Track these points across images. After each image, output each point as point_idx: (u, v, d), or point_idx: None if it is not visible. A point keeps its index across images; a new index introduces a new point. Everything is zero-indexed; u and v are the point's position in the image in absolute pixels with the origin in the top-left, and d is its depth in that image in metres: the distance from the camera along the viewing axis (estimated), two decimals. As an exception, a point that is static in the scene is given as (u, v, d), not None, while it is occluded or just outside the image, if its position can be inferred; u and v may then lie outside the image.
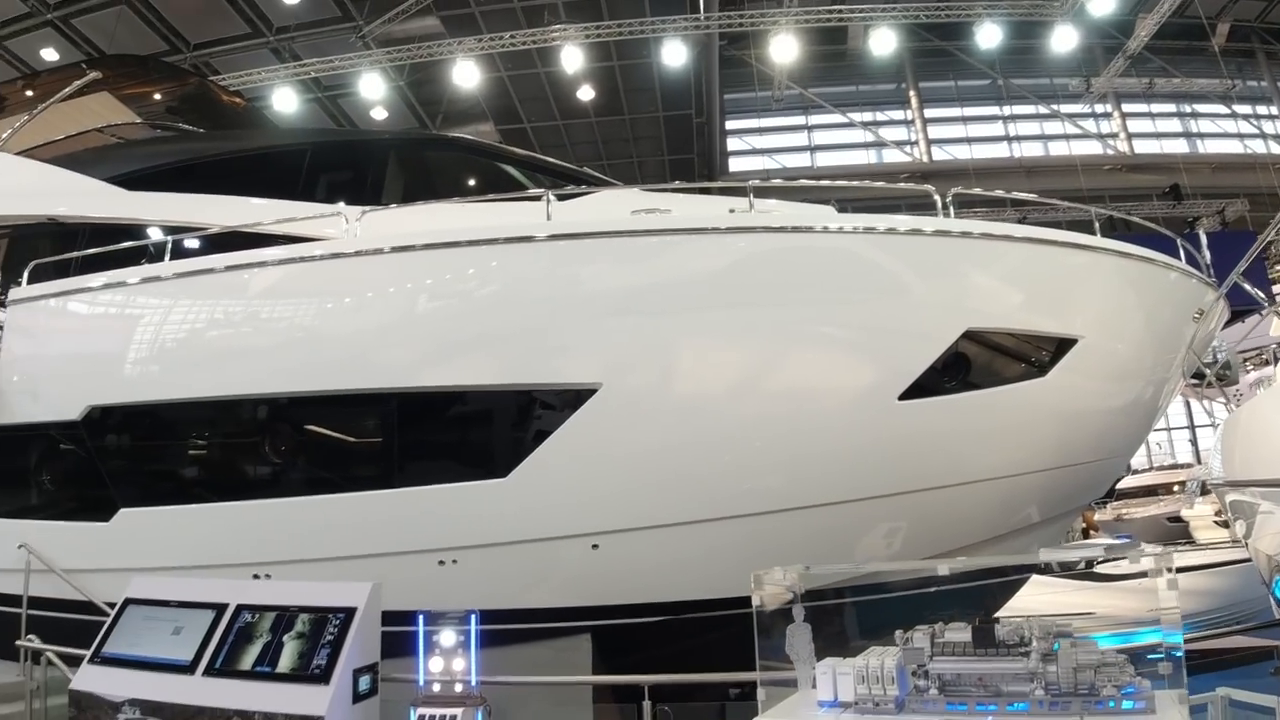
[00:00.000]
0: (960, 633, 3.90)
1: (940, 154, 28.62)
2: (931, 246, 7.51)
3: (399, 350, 7.43)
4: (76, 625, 7.07)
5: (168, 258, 8.23)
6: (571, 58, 17.97)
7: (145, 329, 8.14)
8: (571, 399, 7.10)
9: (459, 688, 4.71)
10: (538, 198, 7.72)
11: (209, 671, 4.48)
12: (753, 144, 28.71)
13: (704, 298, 7.29)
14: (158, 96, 12.86)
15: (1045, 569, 10.05)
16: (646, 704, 5.12)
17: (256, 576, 7.29)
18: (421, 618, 4.84)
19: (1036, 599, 10.59)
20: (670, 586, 7.53)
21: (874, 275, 7.46)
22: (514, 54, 19.33)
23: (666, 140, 23.95)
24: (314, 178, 9.51)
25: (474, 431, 7.68)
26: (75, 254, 8.88)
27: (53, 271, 8.93)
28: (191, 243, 8.76)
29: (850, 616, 6.16)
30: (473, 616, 4.83)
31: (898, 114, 29.12)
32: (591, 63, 19.68)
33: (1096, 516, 25.99)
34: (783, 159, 28.56)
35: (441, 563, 7.30)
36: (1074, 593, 13.20)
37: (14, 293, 8.93)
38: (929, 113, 28.69)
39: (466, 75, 18.83)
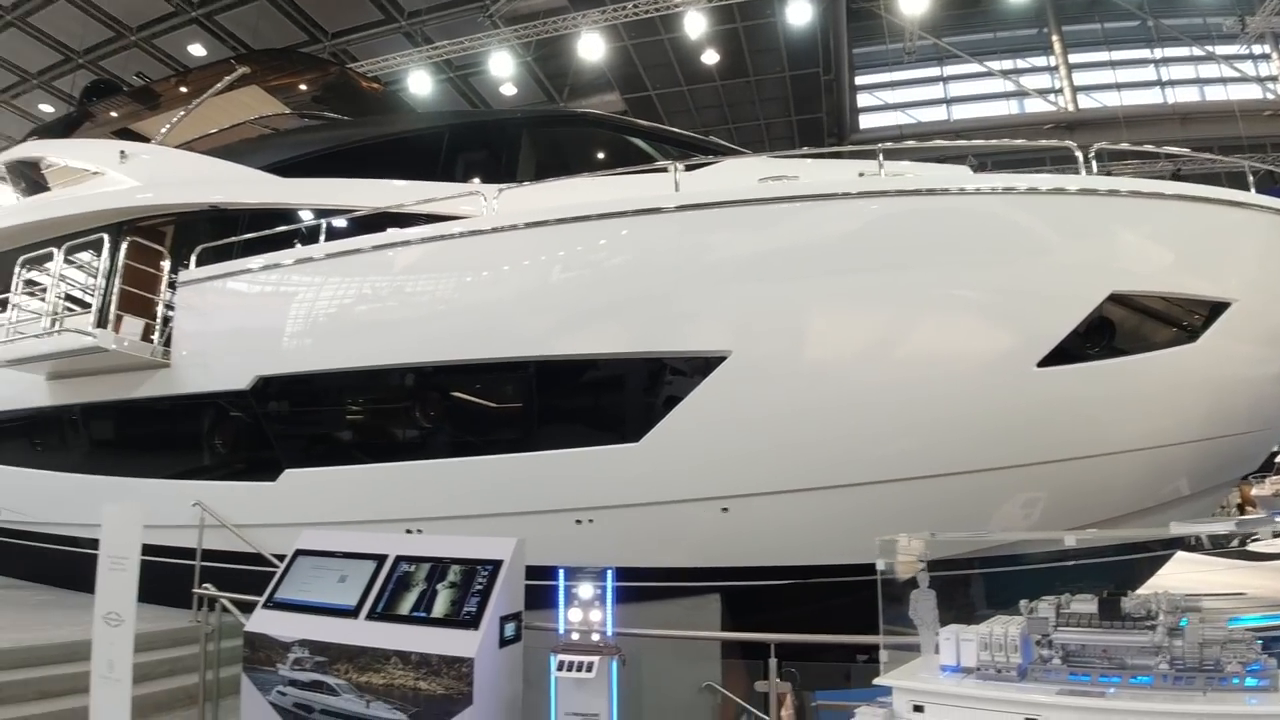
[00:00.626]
0: (1086, 604, 3.85)
1: (1087, 101, 26.73)
2: (1075, 206, 7.19)
3: (535, 320, 7.76)
4: (241, 575, 7.88)
5: (322, 239, 8.85)
6: (694, 23, 17.80)
7: (303, 305, 8.84)
8: (701, 366, 7.24)
9: (595, 637, 4.96)
10: (665, 169, 7.85)
11: (371, 615, 4.90)
12: (884, 99, 27.68)
13: (833, 263, 7.25)
14: (303, 87, 13.62)
15: (1194, 546, 9.51)
16: (773, 661, 5.21)
17: (409, 531, 7.86)
18: (561, 572, 5.11)
19: (1185, 577, 10.05)
20: (799, 551, 7.60)
21: (1013, 237, 7.21)
22: (637, 23, 19.30)
23: (794, 100, 23.35)
24: (452, 158, 9.95)
25: (607, 397, 7.91)
26: (236, 238, 9.66)
27: (215, 255, 9.78)
28: (341, 224, 9.32)
29: (976, 586, 6.08)
30: (608, 572, 5.06)
31: (1040, 60, 27.38)
32: (715, 25, 19.43)
33: (1254, 491, 24.15)
34: (917, 113, 27.39)
35: (579, 522, 7.63)
36: (1225, 571, 12.48)
37: (183, 275, 9.85)
38: (1074, 58, 26.76)
39: (591, 47, 18.98)
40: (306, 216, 9.73)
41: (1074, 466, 7.15)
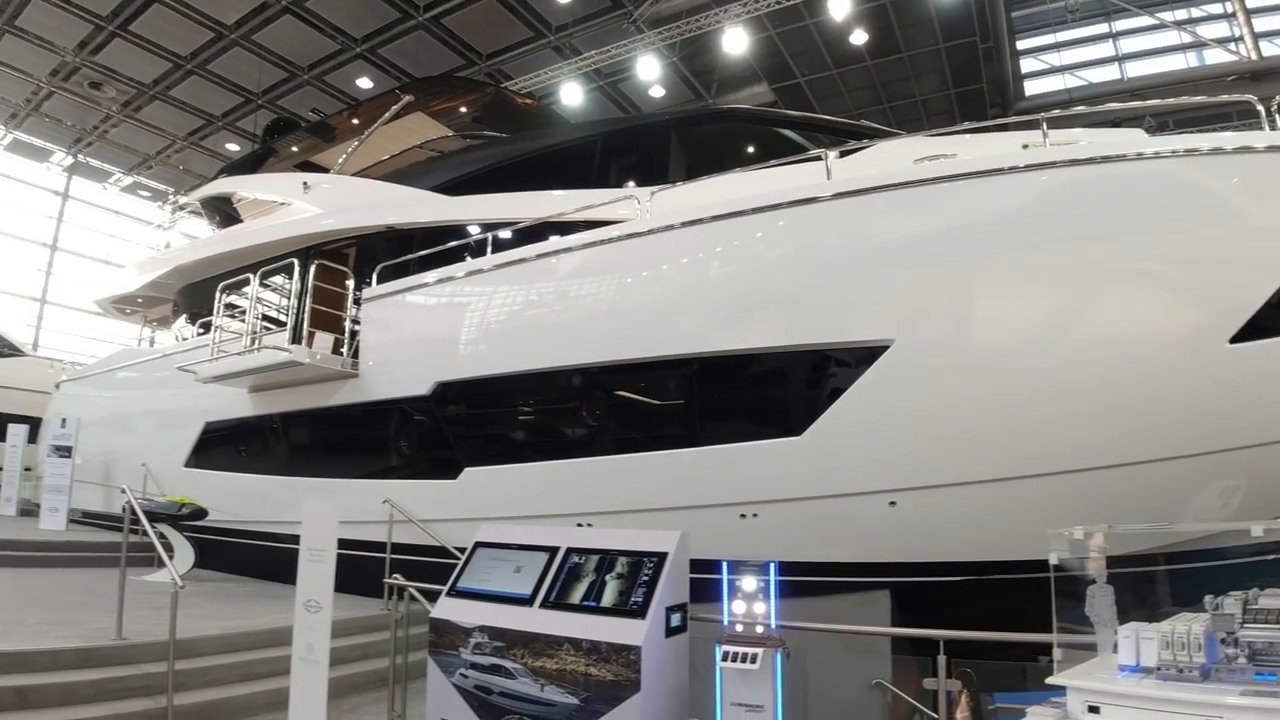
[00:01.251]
0: (1276, 599, 3.54)
1: (1271, 48, 23.99)
2: (1265, 164, 6.47)
3: (695, 317, 7.86)
4: (425, 566, 8.41)
5: (489, 251, 9.33)
6: (839, 4, 17.38)
7: (476, 314, 9.38)
8: (864, 356, 7.08)
9: (760, 630, 4.98)
10: (818, 158, 7.76)
11: (544, 604, 5.14)
12: (1049, 62, 25.94)
13: (998, 242, 6.89)
14: (463, 110, 14.35)
15: None
16: (942, 659, 5.04)
17: (580, 525, 8.15)
18: (725, 565, 5.16)
19: None
20: (973, 546, 7.27)
21: (1197, 202, 6.58)
22: (781, 11, 19.05)
23: (951, 73, 22.29)
24: (605, 165, 10.29)
25: (769, 391, 7.84)
26: (411, 255, 10.32)
27: (394, 272, 10.50)
28: (507, 235, 9.79)
29: (1158, 581, 5.61)
30: (771, 565, 5.06)
31: (1215, 7, 24.85)
32: (861, 4, 18.91)
33: None
34: (1086, 74, 25.50)
35: (743, 516, 7.65)
36: None
37: (366, 292, 10.62)
38: (1251, 2, 24.13)
39: (735, 41, 18.90)
40: (474, 231, 10.28)
41: (1274, 451, 6.47)
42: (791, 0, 18.19)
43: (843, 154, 8.03)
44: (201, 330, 15.22)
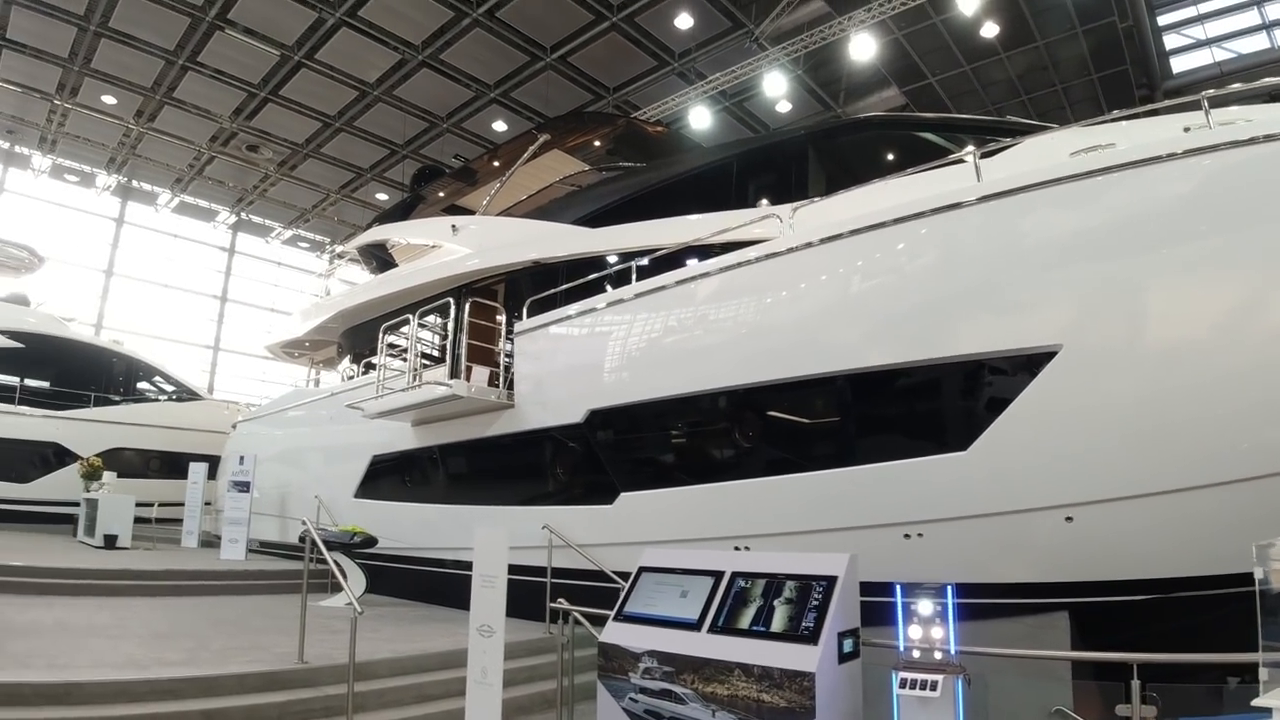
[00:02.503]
0: None
1: None
2: None
3: (845, 333, 7.72)
4: (584, 590, 8.55)
5: (633, 279, 9.53)
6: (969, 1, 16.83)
7: (624, 341, 9.57)
8: (1030, 363, 6.74)
9: (938, 655, 4.82)
10: (962, 160, 7.54)
11: (713, 629, 5.17)
12: (1193, 36, 24.19)
13: (1168, 233, 6.42)
14: (597, 144, 14.74)
15: None
16: (1135, 684, 4.74)
17: (738, 548, 8.13)
18: (898, 588, 5.04)
19: None
20: (1158, 561, 6.73)
21: None
22: (906, 12, 18.64)
23: (1091, 57, 21.13)
24: (743, 185, 10.31)
25: (928, 405, 7.56)
26: (558, 288, 10.66)
27: (542, 305, 10.87)
28: (646, 263, 9.95)
29: None
30: (948, 588, 4.91)
31: None
32: (989, -3, 18.30)
33: None
34: (1234, 45, 23.62)
35: (907, 536, 7.38)
36: None
37: (518, 326, 11.03)
38: None
39: (863, 47, 18.59)
40: (616, 260, 10.54)
41: None
42: (917, 0, 17.72)
43: (986, 154, 7.71)
44: (365, 369, 16.24)
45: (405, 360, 12.85)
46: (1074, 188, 6.76)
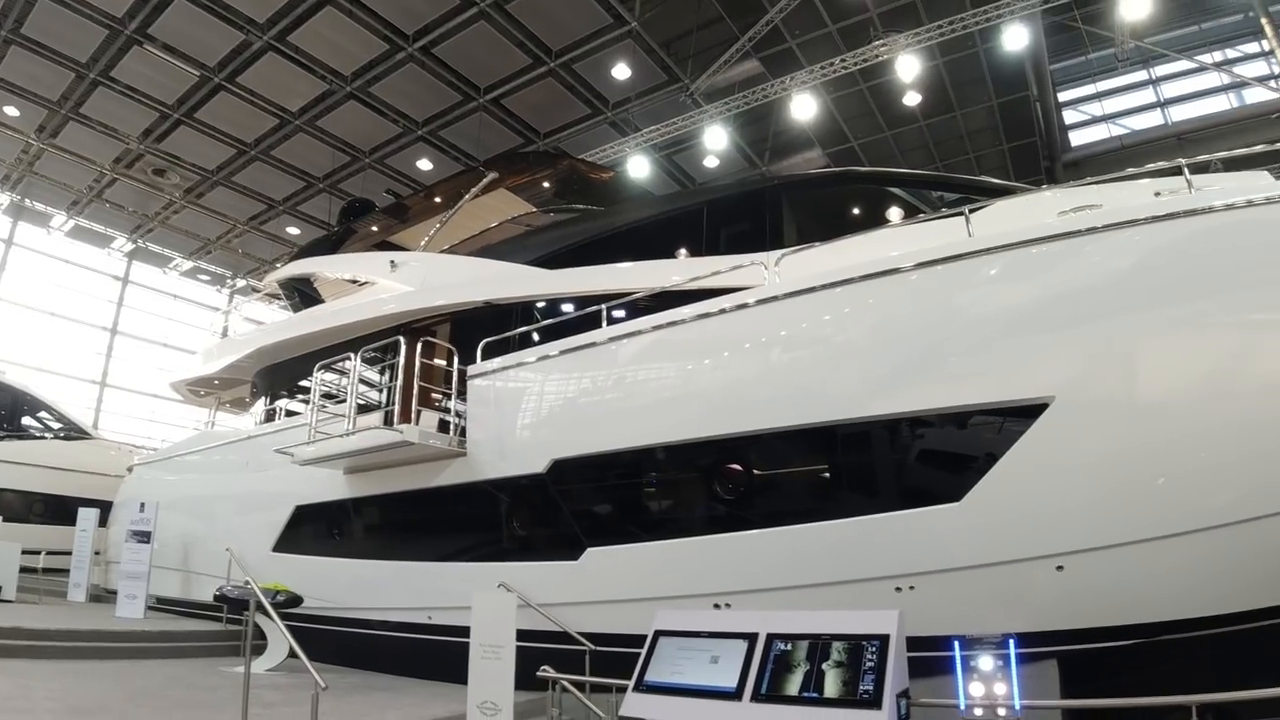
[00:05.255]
0: None
1: (1313, 83, 23.85)
2: None
3: (837, 384, 7.62)
4: (549, 653, 7.95)
5: (604, 324, 9.20)
6: (907, 67, 17.50)
7: (593, 388, 9.19)
8: (1023, 415, 6.82)
9: (1002, 713, 4.64)
10: (950, 216, 7.67)
11: (756, 697, 4.82)
12: (1091, 113, 26.03)
13: (1154, 292, 6.71)
14: (545, 184, 14.50)
15: None
16: None
17: (717, 606, 7.81)
18: (957, 642, 4.85)
19: None
20: (1145, 607, 6.87)
21: None
22: (836, 79, 19.32)
23: (1004, 128, 22.41)
24: (715, 232, 10.17)
25: (921, 457, 7.54)
26: (523, 329, 10.27)
27: (497, 348, 10.38)
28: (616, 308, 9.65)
29: None
30: (1010, 641, 4.74)
31: (1252, 47, 24.92)
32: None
33: None
34: (1129, 122, 25.54)
35: (898, 589, 7.26)
36: None
37: (473, 369, 10.50)
38: None
39: (803, 108, 19.07)
40: (578, 305, 10.15)
41: None
42: (856, 66, 18.35)
43: (975, 209, 7.85)
44: (285, 413, 15.24)
45: (339, 403, 12.09)
46: (1062, 246, 6.98)
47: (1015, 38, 16.93)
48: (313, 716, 5.85)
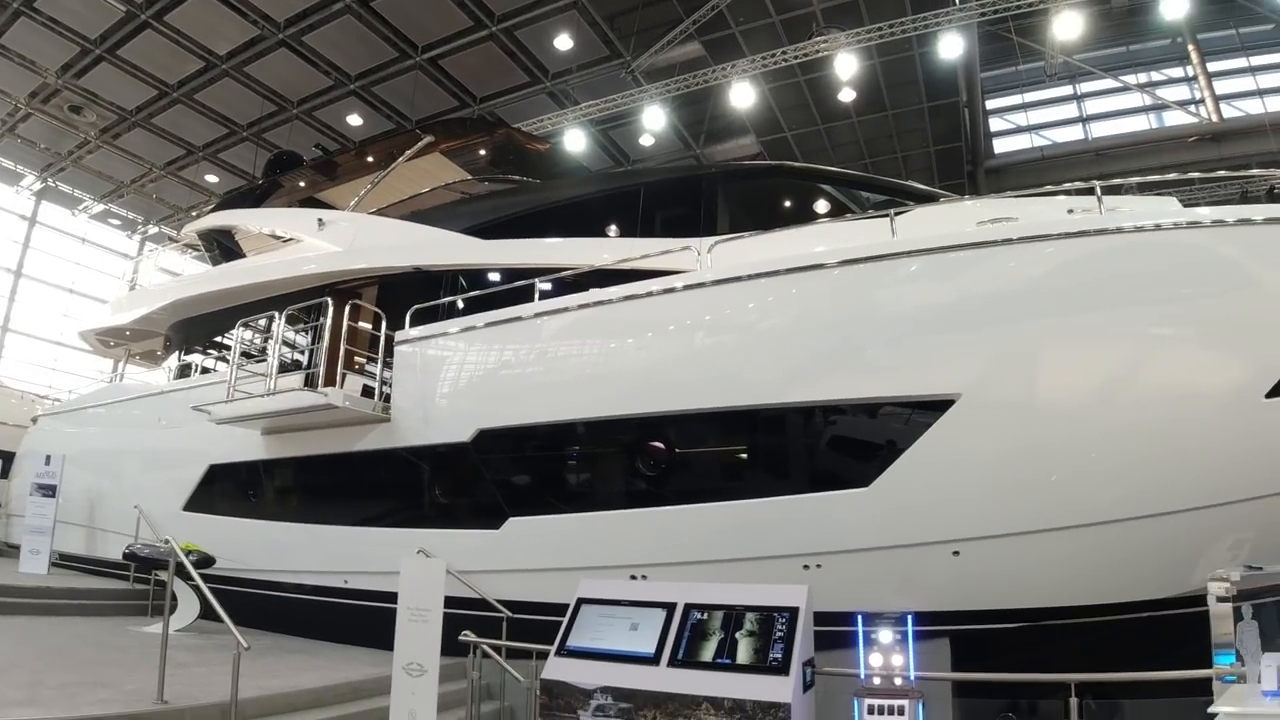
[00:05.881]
0: None
1: (1231, 111, 25.37)
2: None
3: (761, 370, 7.93)
4: (466, 619, 8.11)
5: (536, 298, 9.30)
6: (845, 65, 17.89)
7: (522, 360, 9.29)
8: (930, 410, 7.26)
9: (898, 681, 5.02)
10: (878, 217, 8.01)
11: (673, 662, 5.08)
12: (1015, 122, 27.03)
13: (1057, 304, 7.23)
14: (481, 152, 14.39)
15: None
16: (1074, 702, 5.20)
17: (634, 577, 8.08)
18: (860, 618, 5.19)
19: None
20: (1031, 593, 7.47)
21: (1227, 269, 7.07)
22: (775, 70, 19.61)
23: (932, 131, 23.12)
24: (650, 215, 10.33)
25: (834, 443, 7.94)
26: (453, 297, 10.25)
27: (425, 315, 10.37)
28: (544, 282, 9.74)
29: None
30: (908, 617, 5.11)
31: (1176, 71, 26.23)
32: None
33: None
34: (1051, 134, 26.63)
35: (806, 567, 7.65)
36: None
37: (400, 334, 10.46)
38: (1212, 66, 25.50)
39: (742, 96, 19.32)
40: (511, 276, 10.17)
41: None
42: (794, 60, 18.65)
43: (900, 213, 8.23)
44: (199, 369, 14.86)
45: (258, 362, 11.88)
46: (977, 254, 7.41)
47: (951, 46, 17.49)
48: (234, 674, 5.80)
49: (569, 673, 5.30)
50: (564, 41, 19.54)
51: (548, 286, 9.67)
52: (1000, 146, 26.59)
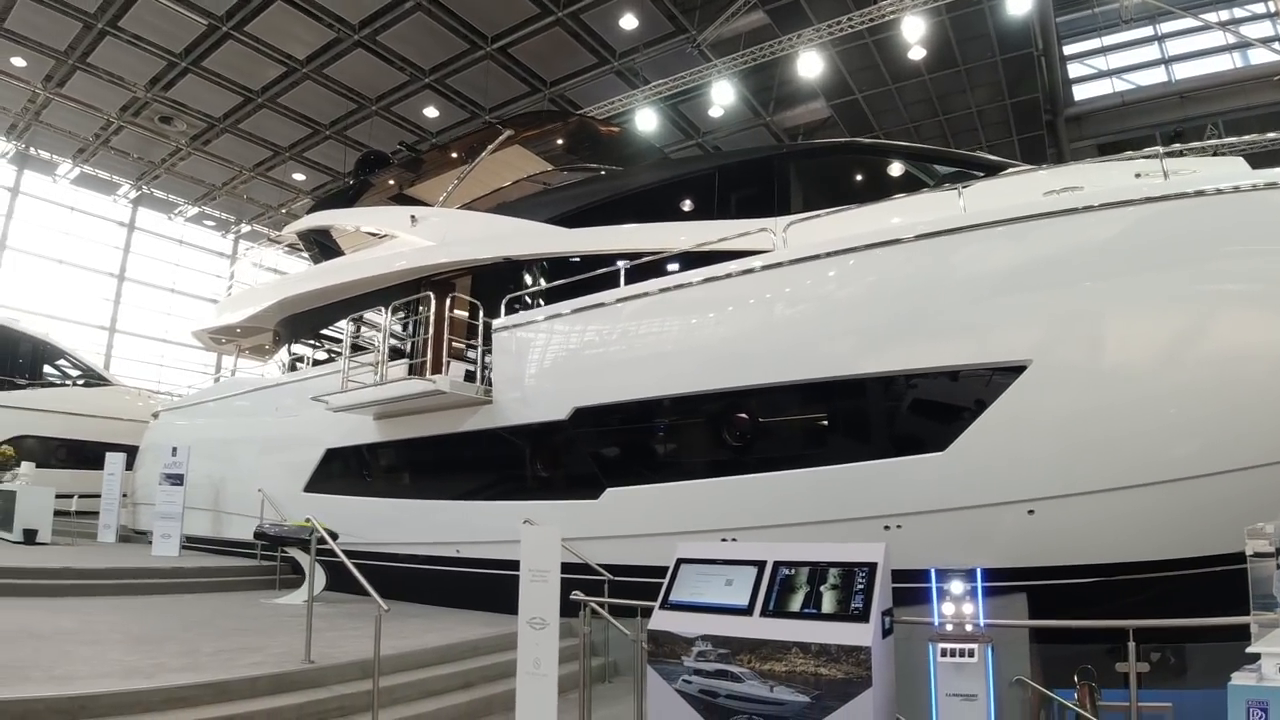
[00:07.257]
0: None
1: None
2: None
3: (839, 342, 8.39)
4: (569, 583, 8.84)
5: (622, 282, 9.89)
6: (912, 28, 17.82)
7: (612, 342, 9.93)
8: (1004, 376, 7.62)
9: (969, 628, 5.50)
10: (953, 191, 8.30)
11: (765, 613, 5.63)
12: (1096, 67, 26.24)
13: (1125, 269, 7.47)
14: (559, 141, 14.96)
15: None
16: (1132, 645, 5.47)
17: (724, 540, 8.63)
18: (933, 572, 5.67)
19: None
20: (1104, 549, 7.77)
21: None
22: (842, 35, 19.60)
23: (1006, 84, 22.60)
24: (726, 197, 10.79)
25: (912, 410, 8.35)
26: (545, 287, 10.94)
27: (519, 302, 11.08)
28: (627, 267, 10.30)
29: None
30: (978, 571, 5.55)
31: (1259, 7, 25.04)
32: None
33: None
34: (1134, 77, 25.79)
35: (887, 528, 8.13)
36: None
37: (497, 322, 11.19)
38: None
39: (810, 65, 19.42)
40: (598, 262, 10.77)
41: None
42: (864, 24, 18.64)
43: (965, 186, 8.54)
44: (309, 361, 15.94)
45: (365, 353, 12.79)
46: (1046, 224, 7.71)
47: (1019, 2, 17.24)
48: (376, 633, 6.54)
49: (673, 624, 5.88)
50: (629, 21, 19.90)
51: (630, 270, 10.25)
52: (1080, 93, 25.84)
